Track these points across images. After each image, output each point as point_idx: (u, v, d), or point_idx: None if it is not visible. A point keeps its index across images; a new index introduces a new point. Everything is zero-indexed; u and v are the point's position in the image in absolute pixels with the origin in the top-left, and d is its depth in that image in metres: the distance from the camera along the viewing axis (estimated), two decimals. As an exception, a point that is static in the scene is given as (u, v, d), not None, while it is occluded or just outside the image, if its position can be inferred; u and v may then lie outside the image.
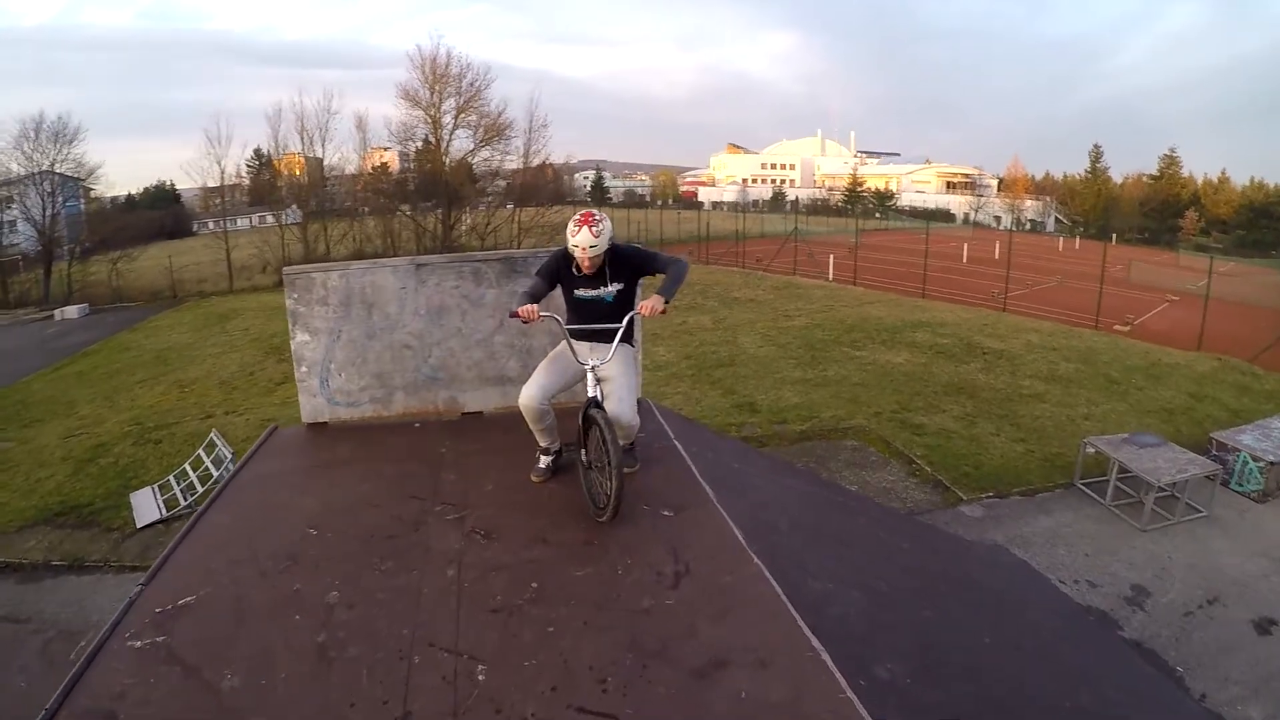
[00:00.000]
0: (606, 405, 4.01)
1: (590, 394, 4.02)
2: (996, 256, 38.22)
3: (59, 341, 27.55)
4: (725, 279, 32.45)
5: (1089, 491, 11.57)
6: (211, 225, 52.03)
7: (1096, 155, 73.49)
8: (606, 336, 4.15)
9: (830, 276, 32.08)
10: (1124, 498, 11.21)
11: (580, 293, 4.24)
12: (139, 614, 3.47)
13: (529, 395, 4.21)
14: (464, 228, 43.06)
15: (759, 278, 32.74)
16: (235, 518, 4.45)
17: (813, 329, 21.58)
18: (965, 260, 38.73)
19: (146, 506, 11.22)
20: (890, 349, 19.25)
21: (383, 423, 5.75)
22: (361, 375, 5.66)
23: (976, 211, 76.56)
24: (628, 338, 4.19)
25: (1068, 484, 11.84)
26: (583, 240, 3.96)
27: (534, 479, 4.52)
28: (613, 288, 4.19)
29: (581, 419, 4.08)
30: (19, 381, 20.42)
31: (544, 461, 4.54)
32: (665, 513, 4.10)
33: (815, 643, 3.02)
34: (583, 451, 4.17)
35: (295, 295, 5.53)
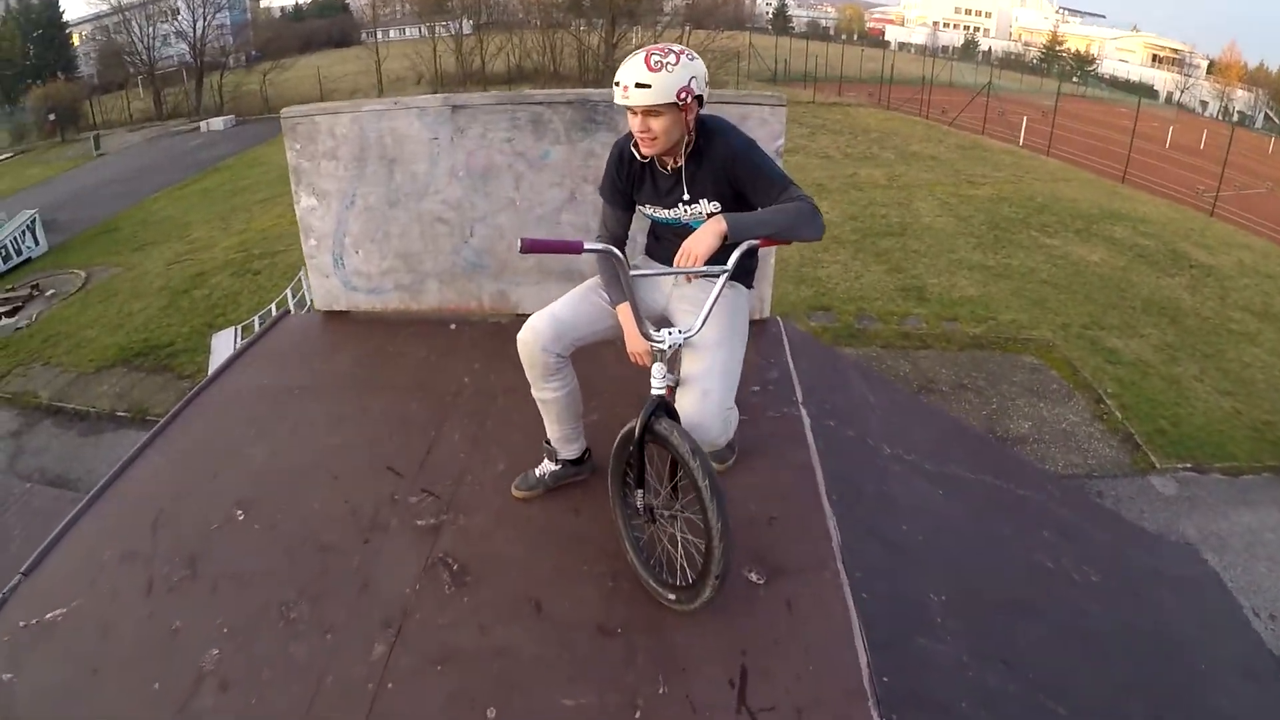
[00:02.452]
0: (683, 402, 2.36)
1: (656, 390, 2.28)
2: (1202, 147, 32.50)
3: (199, 155, 27.90)
4: (905, 129, 29.05)
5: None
6: (380, 35, 51.35)
7: (1329, 52, 62.15)
8: (696, 289, 2.57)
9: (1021, 142, 28.14)
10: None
11: (651, 210, 2.55)
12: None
13: (534, 329, 2.53)
14: (630, 46, 40.51)
15: (943, 132, 29.09)
16: (166, 468, 3.32)
17: (998, 202, 18.68)
18: (1168, 145, 33.23)
19: (224, 350, 10.58)
20: (1085, 242, 16.30)
21: (412, 318, 4.38)
22: (384, 254, 4.26)
23: (1182, 93, 67.01)
24: (738, 281, 2.55)
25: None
26: (627, 75, 2.21)
27: (516, 493, 2.91)
28: (700, 207, 2.44)
29: (633, 436, 2.31)
30: (146, 199, 20.53)
31: (540, 469, 2.91)
32: (751, 576, 2.52)
33: None
34: (638, 492, 2.42)
35: (297, 146, 4.15)
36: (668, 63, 2.21)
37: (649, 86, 2.19)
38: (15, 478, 9.00)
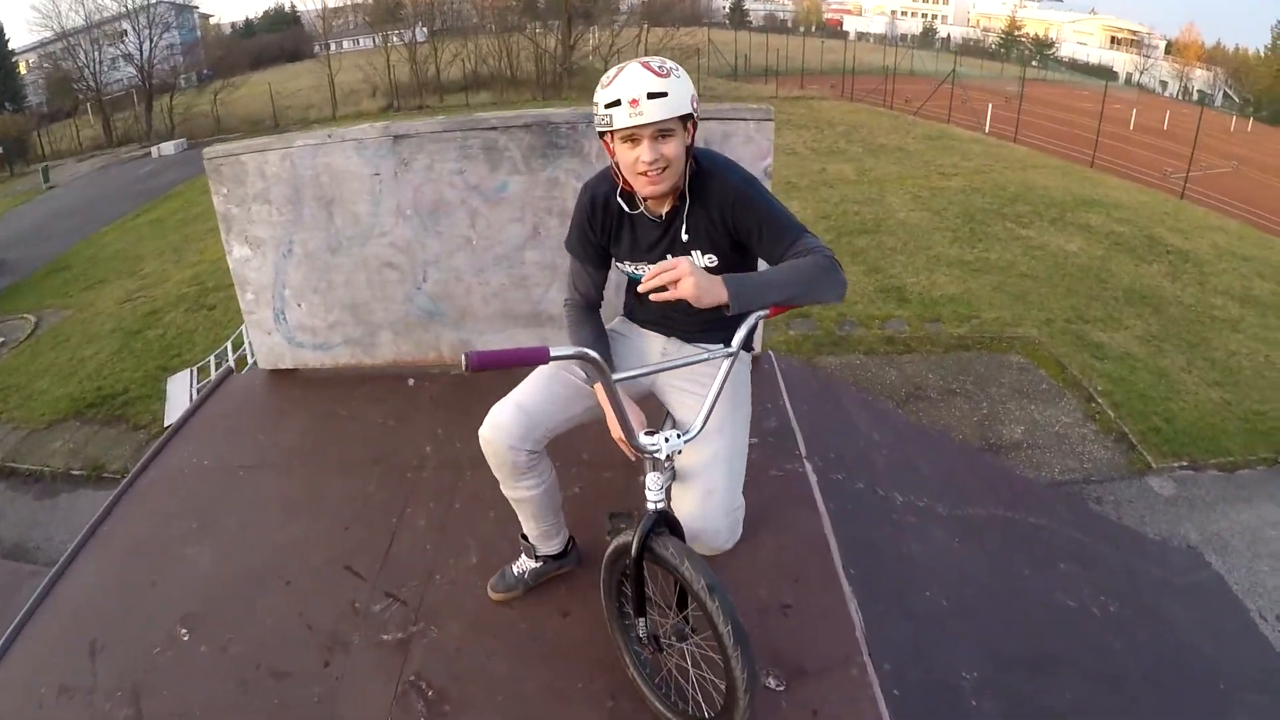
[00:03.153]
0: (682, 503, 1.96)
1: (652, 503, 1.87)
2: (1165, 127, 32.59)
3: (150, 182, 27.14)
4: (871, 120, 28.81)
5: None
6: (332, 47, 50.50)
7: (1280, 33, 62.79)
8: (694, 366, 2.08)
9: (987, 129, 28.03)
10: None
11: (632, 267, 2.10)
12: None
13: (497, 425, 2.08)
14: (588, 48, 40.25)
15: (909, 122, 28.89)
16: (102, 576, 2.91)
17: (971, 194, 18.45)
18: (1131, 127, 33.28)
19: (179, 396, 10.08)
20: (1061, 231, 16.08)
21: (365, 374, 3.99)
22: (329, 306, 3.85)
23: (1142, 73, 67.62)
24: (741, 352, 2.01)
25: (1274, 460, 9.14)
26: (633, 87, 1.76)
27: (493, 594, 2.51)
28: (694, 260, 1.98)
29: (628, 553, 1.87)
30: (96, 233, 19.85)
31: (519, 566, 2.50)
32: (770, 682, 2.16)
33: None
34: (638, 620, 2.02)
35: (224, 190, 3.70)
36: (671, 67, 1.80)
37: (664, 95, 1.75)
38: (-28, 551, 8.48)
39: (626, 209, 2.01)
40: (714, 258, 1.99)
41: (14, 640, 2.65)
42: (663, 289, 1.73)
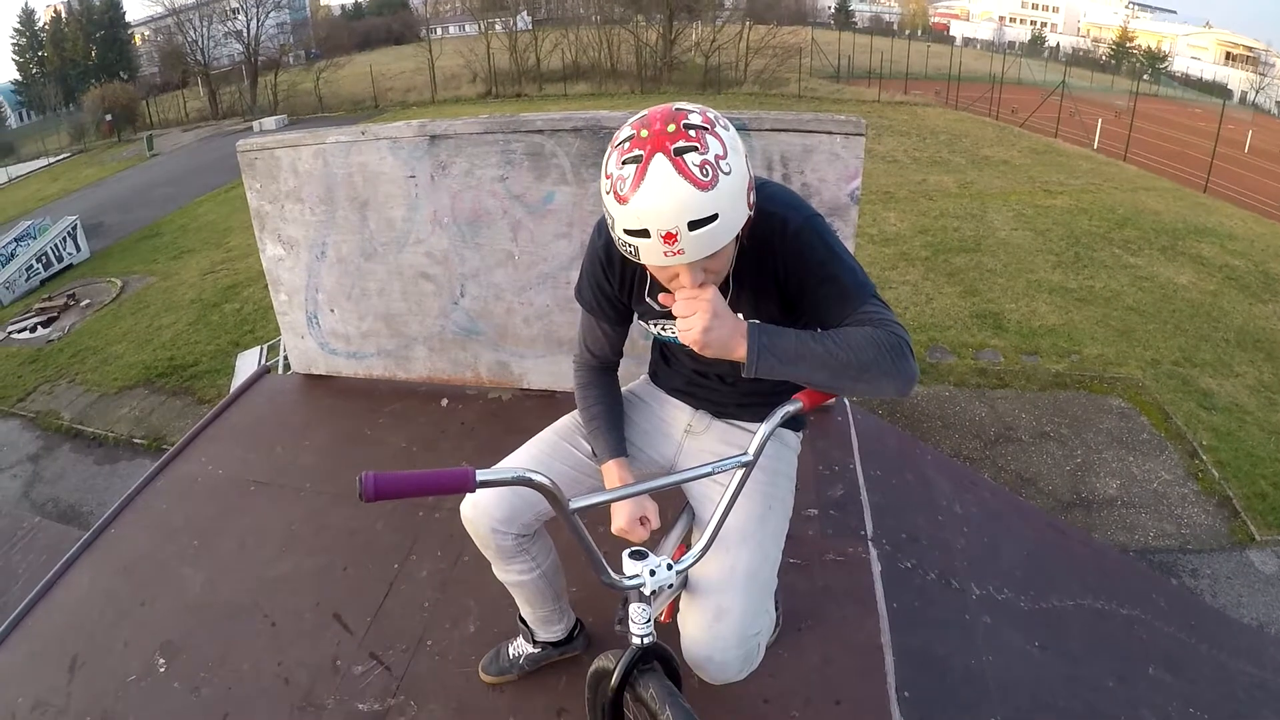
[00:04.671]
0: (688, 622, 1.58)
1: (638, 637, 1.47)
2: None
3: (248, 157, 27.82)
4: (975, 130, 27.56)
5: None
6: (437, 32, 51.46)
7: None
8: (722, 433, 1.81)
9: (1096, 145, 26.57)
10: None
11: (658, 328, 1.68)
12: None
13: (480, 500, 1.74)
14: (689, 43, 39.83)
15: (1014, 134, 27.55)
16: (94, 588, 2.81)
17: (1077, 214, 17.35)
18: (1247, 150, 31.05)
19: (247, 373, 10.11)
20: (1171, 261, 14.90)
21: (399, 387, 3.72)
22: (362, 314, 3.60)
23: (1258, 93, 63.65)
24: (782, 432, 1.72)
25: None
26: (665, 213, 1.22)
27: (484, 676, 2.19)
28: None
29: (608, 682, 1.51)
30: (191, 203, 20.41)
31: (515, 649, 2.17)
32: None
33: None
34: None
35: (257, 186, 3.51)
36: (717, 156, 1.23)
37: (713, 219, 1.23)
38: (28, 507, 8.66)
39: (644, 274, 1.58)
40: (753, 304, 1.54)
41: (3, 642, 2.61)
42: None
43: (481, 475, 1.26)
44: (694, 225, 1.22)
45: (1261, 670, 4.60)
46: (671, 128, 1.23)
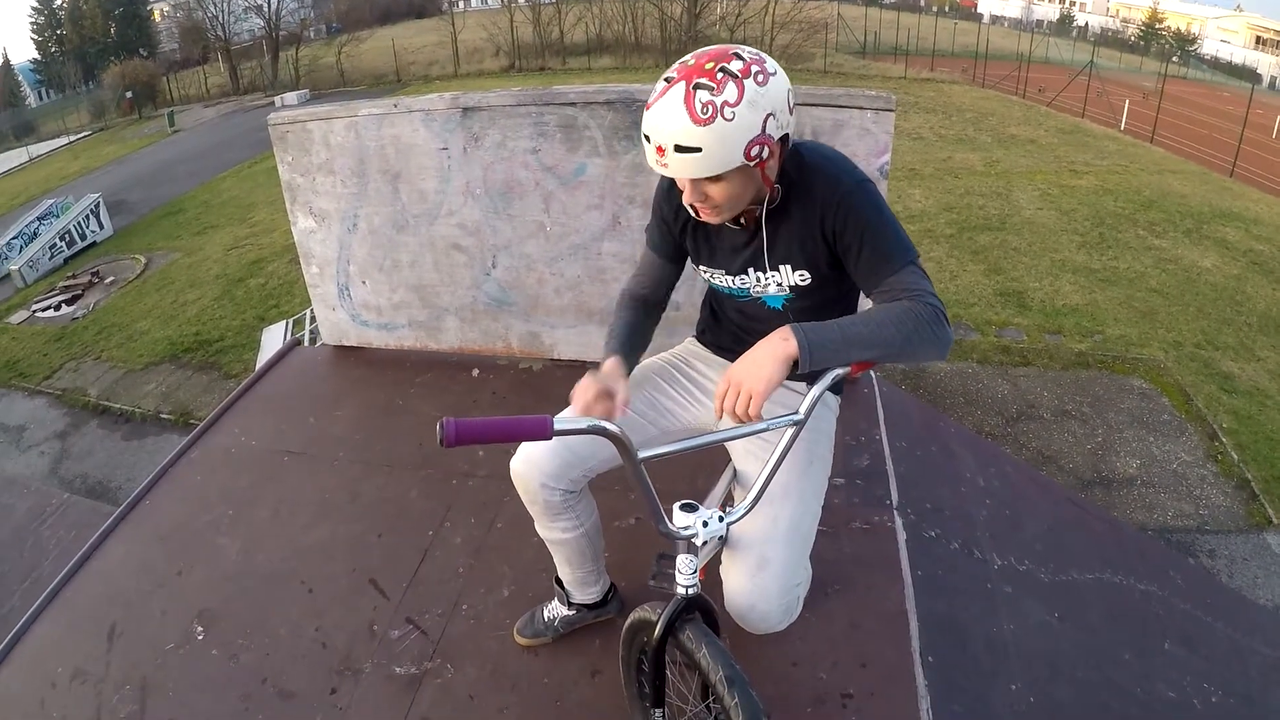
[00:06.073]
0: (731, 573, 1.64)
1: (684, 587, 1.53)
2: None
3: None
4: (1002, 109, 27.26)
5: None
6: (460, 5, 51.21)
7: None
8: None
9: (1123, 126, 26.21)
10: None
11: (709, 274, 1.78)
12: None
13: (529, 459, 1.82)
14: (714, 17, 39.15)
15: (1042, 113, 27.22)
16: (131, 559, 2.87)
17: (1102, 195, 17.20)
18: (1275, 135, 30.49)
19: (273, 347, 10.24)
20: (1195, 244, 14.76)
21: (430, 358, 3.78)
22: (394, 286, 3.66)
23: None
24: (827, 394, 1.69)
25: None
26: (662, 128, 1.41)
27: (519, 638, 2.25)
28: (780, 277, 1.67)
29: (650, 631, 1.58)
30: (214, 178, 20.54)
31: (550, 611, 2.23)
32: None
33: None
34: (655, 711, 1.70)
35: (289, 158, 3.57)
36: (725, 102, 1.36)
37: (697, 151, 1.38)
38: (57, 484, 8.83)
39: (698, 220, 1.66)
40: (806, 274, 1.63)
41: (41, 613, 2.65)
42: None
43: (559, 424, 1.33)
44: (679, 149, 1.40)
45: (1276, 651, 4.62)
46: (709, 65, 1.40)
